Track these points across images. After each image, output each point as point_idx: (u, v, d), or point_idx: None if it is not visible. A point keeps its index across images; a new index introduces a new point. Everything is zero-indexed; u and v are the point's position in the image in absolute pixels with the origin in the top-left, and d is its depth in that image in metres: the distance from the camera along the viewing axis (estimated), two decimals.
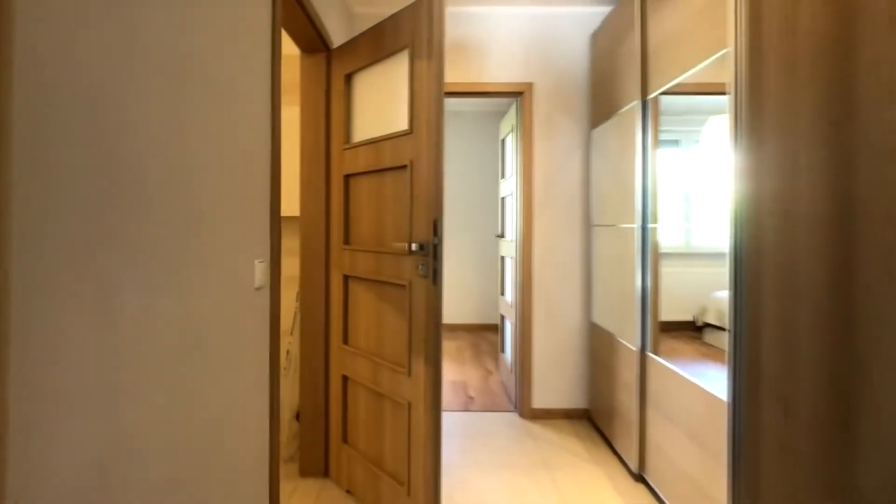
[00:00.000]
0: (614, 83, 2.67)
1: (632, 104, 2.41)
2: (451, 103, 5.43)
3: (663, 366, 2.10)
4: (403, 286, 1.91)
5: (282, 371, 3.01)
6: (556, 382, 3.16)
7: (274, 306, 1.55)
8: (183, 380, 1.05)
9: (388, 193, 2.01)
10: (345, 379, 2.25)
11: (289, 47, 3.06)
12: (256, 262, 1.43)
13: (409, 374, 1.88)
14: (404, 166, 1.92)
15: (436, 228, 1.78)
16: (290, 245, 3.16)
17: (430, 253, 1.79)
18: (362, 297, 2.16)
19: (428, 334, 1.81)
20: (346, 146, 2.21)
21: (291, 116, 2.93)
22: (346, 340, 2.25)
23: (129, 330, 0.88)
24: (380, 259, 2.03)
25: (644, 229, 2.32)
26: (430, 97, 1.81)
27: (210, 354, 1.17)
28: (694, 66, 1.85)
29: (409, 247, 1.80)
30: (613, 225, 2.67)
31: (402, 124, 1.93)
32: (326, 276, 2.32)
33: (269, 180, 1.54)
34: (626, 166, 2.48)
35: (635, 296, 2.36)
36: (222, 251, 1.24)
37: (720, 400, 1.66)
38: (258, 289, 1.44)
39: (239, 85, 1.34)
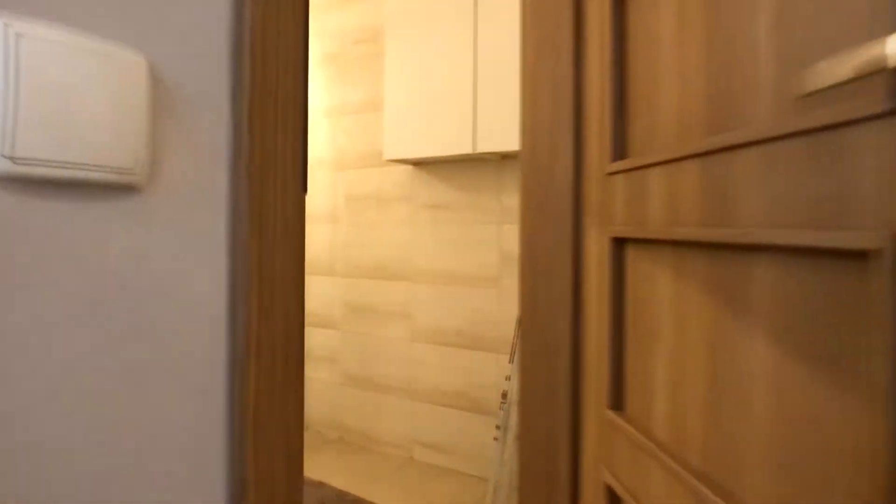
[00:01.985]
0: None
1: None
2: None
3: None
4: (875, 253, 0.47)
5: (494, 432, 1.82)
6: None
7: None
8: None
9: None
10: (613, 497, 0.91)
11: None
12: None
13: None
14: None
15: None
16: (511, 203, 1.97)
17: None
18: (662, 296, 0.79)
19: None
20: None
21: None
22: (617, 403, 0.92)
23: None
24: (721, 168, 0.62)
25: None
26: None
27: None
28: None
29: None
30: None
31: None
32: (574, 242, 1.03)
33: None
34: None
35: None
36: None
37: None
38: None
39: None
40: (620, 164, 0.89)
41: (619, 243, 0.91)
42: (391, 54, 2.11)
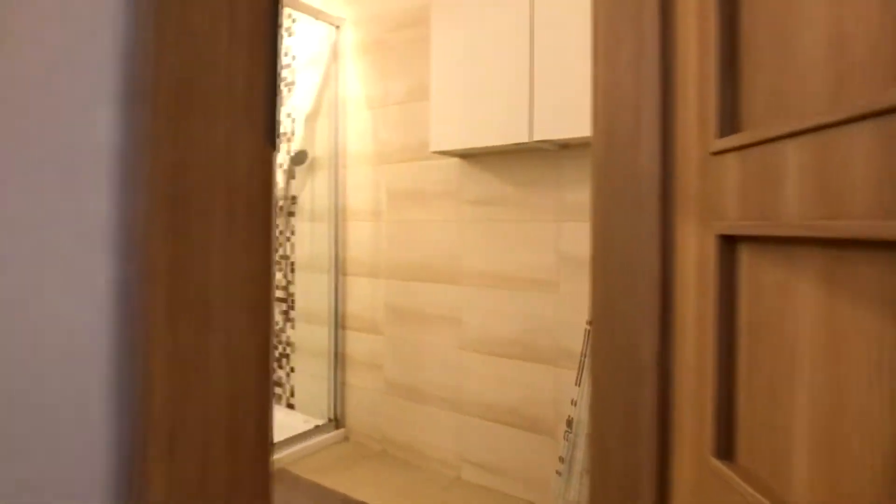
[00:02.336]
0: None
1: None
2: None
3: None
4: None
5: (555, 462, 1.60)
6: None
7: None
8: None
9: None
10: None
11: None
12: None
13: None
14: None
15: None
16: (579, 199, 1.76)
17: None
18: (802, 312, 0.58)
19: None
20: None
21: None
22: (726, 449, 0.71)
23: None
24: None
25: None
26: None
27: None
28: None
29: None
30: None
31: None
32: (662, 239, 0.83)
33: None
34: None
35: None
36: None
37: None
38: None
39: None
40: (733, 140, 0.68)
41: (730, 242, 0.71)
42: (438, 37, 1.95)
